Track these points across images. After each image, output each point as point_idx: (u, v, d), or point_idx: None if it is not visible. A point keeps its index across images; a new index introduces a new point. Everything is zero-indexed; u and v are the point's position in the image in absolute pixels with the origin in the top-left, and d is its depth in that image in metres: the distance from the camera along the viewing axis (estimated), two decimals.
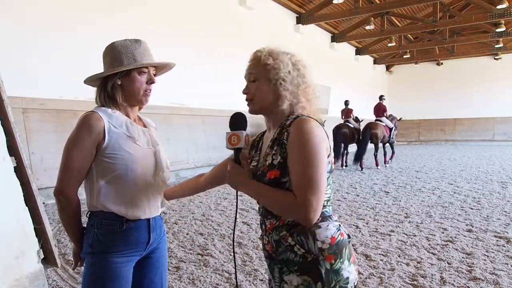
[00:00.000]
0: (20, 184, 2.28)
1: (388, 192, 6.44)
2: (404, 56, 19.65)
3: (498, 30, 15.03)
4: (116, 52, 1.37)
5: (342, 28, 15.57)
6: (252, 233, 4.10)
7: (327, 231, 1.16)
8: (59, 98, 6.16)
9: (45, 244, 2.37)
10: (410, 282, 2.83)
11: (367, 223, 4.48)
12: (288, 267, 1.18)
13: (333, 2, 11.83)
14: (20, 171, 2.30)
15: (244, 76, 1.31)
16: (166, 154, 1.51)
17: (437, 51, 19.34)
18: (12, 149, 2.28)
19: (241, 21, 10.40)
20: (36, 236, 2.31)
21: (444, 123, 21.17)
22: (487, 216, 4.71)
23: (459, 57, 19.71)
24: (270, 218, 1.23)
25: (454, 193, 6.29)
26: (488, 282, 2.81)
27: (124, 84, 1.37)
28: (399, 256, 3.36)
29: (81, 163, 1.33)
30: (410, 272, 3.01)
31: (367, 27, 14.14)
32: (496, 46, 17.79)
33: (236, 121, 1.28)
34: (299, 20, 13.17)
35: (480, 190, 6.51)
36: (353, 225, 4.42)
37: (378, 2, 12.86)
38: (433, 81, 21.38)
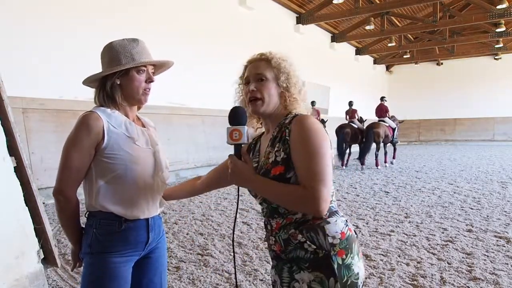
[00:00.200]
0: (20, 184, 2.27)
1: (388, 192, 6.44)
2: (404, 56, 19.66)
3: (498, 30, 15.04)
4: (114, 51, 1.37)
5: (342, 28, 15.57)
6: (252, 233, 4.10)
7: (336, 226, 1.16)
8: (59, 98, 6.16)
9: (45, 244, 2.36)
10: (410, 282, 2.83)
11: (367, 223, 4.48)
12: (298, 265, 1.16)
13: (333, 2, 11.83)
14: (20, 171, 2.29)
15: (244, 77, 1.30)
16: (166, 154, 1.50)
17: (437, 51, 19.34)
18: (12, 149, 2.28)
19: (241, 21, 10.40)
20: (36, 236, 2.31)
21: (444, 123, 21.17)
22: (487, 216, 4.71)
23: (459, 57, 19.71)
24: (276, 218, 1.22)
25: (454, 193, 6.29)
26: (488, 282, 2.81)
27: (123, 84, 1.37)
28: (399, 256, 3.36)
29: (80, 163, 1.33)
30: (410, 272, 3.01)
31: (367, 27, 14.14)
32: (496, 46, 17.80)
33: (236, 115, 1.24)
34: (299, 20, 13.17)
35: (480, 190, 6.51)
36: (353, 225, 4.40)
37: (378, 2, 12.86)
38: (433, 81, 21.39)
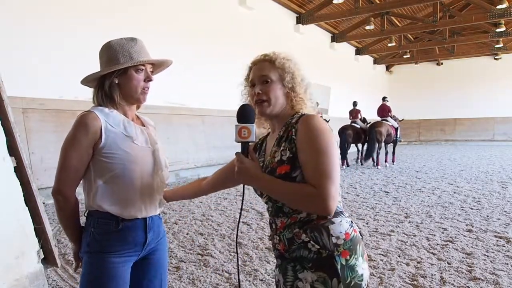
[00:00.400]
0: (20, 184, 2.27)
1: (388, 192, 6.44)
2: (404, 56, 19.65)
3: (498, 30, 15.04)
4: (112, 51, 1.36)
5: (342, 28, 15.57)
6: (252, 233, 4.10)
7: (341, 227, 1.16)
8: (59, 98, 6.16)
9: (45, 244, 2.37)
10: (410, 282, 2.83)
11: (367, 223, 4.48)
12: (302, 265, 1.16)
13: (333, 2, 11.83)
14: (20, 171, 2.29)
15: (250, 79, 1.30)
16: (166, 153, 1.50)
17: (437, 51, 19.34)
18: (12, 149, 2.28)
19: (241, 21, 10.40)
20: (36, 236, 2.31)
21: (444, 123, 21.17)
22: (487, 216, 4.71)
23: (459, 57, 19.71)
24: (281, 217, 1.22)
25: (454, 193, 6.29)
26: (488, 282, 2.81)
27: (121, 83, 1.37)
28: (399, 256, 3.36)
29: (78, 163, 1.33)
30: (410, 272, 3.01)
31: (367, 27, 14.13)
32: (496, 46, 17.79)
33: (245, 113, 1.22)
34: (299, 20, 13.17)
35: (480, 190, 6.51)
36: None
37: (378, 2, 12.85)
38: (433, 81, 21.39)
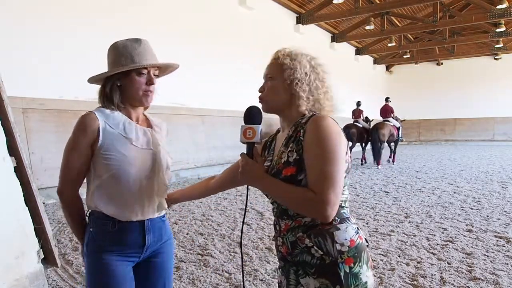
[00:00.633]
0: (20, 184, 2.28)
1: (388, 192, 6.44)
2: (404, 56, 19.65)
3: (498, 30, 15.03)
4: (116, 52, 1.36)
5: (342, 28, 15.57)
6: (252, 233, 4.10)
7: (346, 233, 1.13)
8: (59, 98, 6.16)
9: (45, 244, 2.37)
10: (410, 282, 2.83)
11: (367, 223, 4.48)
12: (304, 270, 1.14)
13: (333, 2, 11.83)
14: (20, 171, 2.30)
15: (263, 76, 1.30)
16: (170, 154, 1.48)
17: (437, 51, 19.33)
18: (12, 149, 2.28)
19: (241, 21, 10.39)
20: (36, 236, 2.31)
21: (444, 123, 21.17)
22: (487, 216, 4.71)
23: (459, 57, 19.70)
24: (285, 219, 1.19)
25: (454, 193, 6.29)
26: (488, 282, 2.81)
27: (123, 85, 1.36)
28: (399, 256, 3.36)
29: (78, 164, 1.34)
30: (410, 272, 3.01)
31: (367, 27, 14.13)
32: (496, 46, 17.79)
33: (251, 114, 1.23)
34: (299, 20, 13.16)
35: (480, 190, 6.51)
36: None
37: (378, 2, 12.85)
38: (433, 81, 21.38)
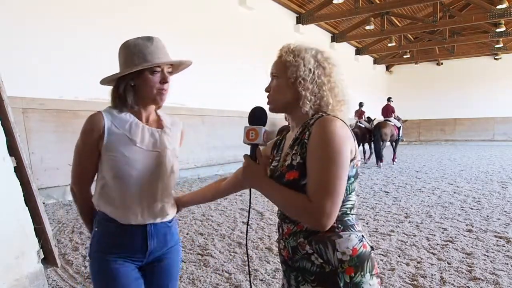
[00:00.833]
0: (20, 184, 2.28)
1: (388, 192, 6.44)
2: (404, 56, 19.63)
3: (498, 30, 15.02)
4: (128, 51, 1.34)
5: (342, 28, 15.56)
6: (252, 233, 4.10)
7: (349, 242, 1.08)
8: (59, 98, 6.16)
9: (45, 244, 2.37)
10: (410, 282, 2.83)
11: (367, 223, 4.48)
12: (304, 277, 1.11)
13: (333, 2, 11.82)
14: (20, 171, 2.30)
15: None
16: (177, 158, 1.44)
17: (437, 51, 19.32)
18: (12, 149, 2.28)
19: (241, 21, 10.39)
20: (36, 236, 2.31)
21: (444, 123, 21.16)
22: (487, 216, 4.71)
23: (459, 57, 19.69)
24: (288, 223, 1.16)
25: (454, 193, 6.29)
26: (488, 282, 2.81)
27: (137, 85, 1.34)
28: (399, 256, 3.36)
29: (85, 162, 1.36)
30: (410, 272, 3.01)
31: (367, 27, 14.13)
32: (496, 46, 17.77)
33: (255, 116, 1.20)
34: (299, 20, 13.16)
35: (480, 190, 6.51)
36: None
37: (378, 2, 12.85)
38: (433, 81, 21.37)
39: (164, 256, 1.43)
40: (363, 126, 11.09)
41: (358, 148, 1.16)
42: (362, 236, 1.13)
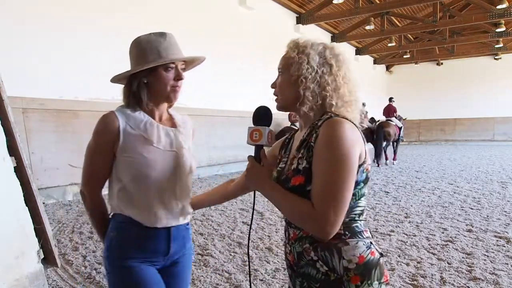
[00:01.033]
0: (20, 184, 2.27)
1: (388, 192, 6.44)
2: (404, 56, 19.63)
3: (498, 30, 15.01)
4: (140, 48, 1.29)
5: (342, 28, 15.56)
6: (252, 233, 4.10)
7: (356, 249, 1.04)
8: (59, 98, 6.16)
9: (45, 244, 2.37)
10: (410, 282, 2.83)
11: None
12: (309, 284, 1.08)
13: (333, 2, 11.82)
14: (20, 171, 2.29)
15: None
16: (193, 157, 1.41)
17: (437, 51, 19.32)
18: (12, 149, 2.28)
19: (241, 21, 10.39)
20: (36, 236, 2.31)
21: (444, 123, 21.16)
22: (487, 216, 4.71)
23: (459, 57, 19.69)
24: (294, 227, 1.12)
25: (454, 193, 6.29)
26: (488, 282, 2.81)
27: (150, 82, 1.29)
28: (399, 256, 3.36)
29: (98, 164, 1.30)
30: (410, 272, 3.01)
31: (367, 27, 14.12)
32: (496, 46, 17.77)
33: (260, 116, 1.16)
34: (299, 20, 13.16)
35: (480, 190, 6.51)
36: None
37: (378, 2, 12.85)
38: (433, 81, 21.37)
39: (179, 260, 1.40)
40: (366, 126, 11.14)
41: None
42: (371, 243, 1.08)
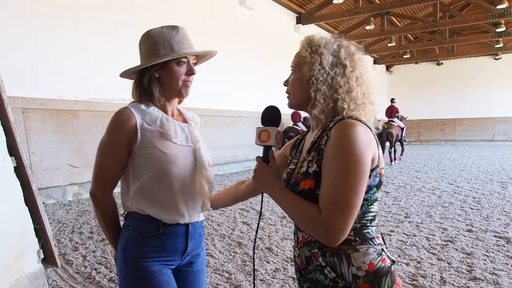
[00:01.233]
0: (20, 184, 2.27)
1: (388, 192, 6.44)
2: (404, 56, 19.65)
3: (498, 30, 15.02)
4: (152, 41, 1.25)
5: (342, 28, 15.56)
6: (252, 233, 4.10)
7: (366, 256, 1.00)
8: (59, 98, 6.16)
9: (45, 244, 2.36)
10: (410, 282, 2.83)
11: None
12: None
13: (333, 2, 11.83)
14: (20, 171, 2.29)
15: None
16: (209, 151, 1.39)
17: (437, 51, 19.34)
18: (12, 149, 2.28)
19: (241, 21, 10.39)
20: (36, 236, 2.31)
21: (444, 123, 21.17)
22: (487, 216, 4.71)
23: (459, 57, 19.70)
24: (303, 231, 1.09)
25: (454, 193, 6.29)
26: (488, 282, 2.81)
27: (161, 76, 1.26)
28: (399, 256, 3.36)
29: (113, 165, 1.25)
30: (410, 272, 3.01)
31: (367, 27, 14.13)
32: (496, 46, 17.78)
33: (268, 116, 1.15)
34: (299, 20, 13.16)
35: (480, 190, 6.51)
36: None
37: (378, 2, 12.86)
38: (433, 81, 21.38)
39: (192, 259, 1.37)
40: (381, 129, 11.28)
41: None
42: (382, 249, 1.04)
